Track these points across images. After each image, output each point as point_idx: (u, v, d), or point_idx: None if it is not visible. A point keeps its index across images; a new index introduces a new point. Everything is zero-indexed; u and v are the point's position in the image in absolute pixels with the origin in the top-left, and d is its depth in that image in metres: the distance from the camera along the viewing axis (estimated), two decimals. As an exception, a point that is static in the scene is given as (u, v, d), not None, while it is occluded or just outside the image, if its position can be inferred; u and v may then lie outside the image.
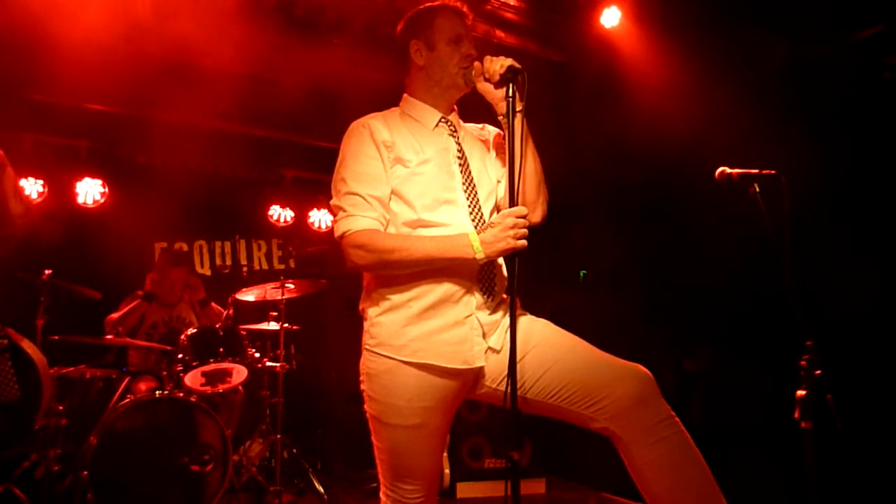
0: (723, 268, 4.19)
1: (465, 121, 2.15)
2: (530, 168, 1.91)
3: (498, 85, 1.87)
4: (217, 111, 4.75)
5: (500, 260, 1.93)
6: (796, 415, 2.57)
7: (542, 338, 1.90)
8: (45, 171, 4.77)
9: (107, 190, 4.97)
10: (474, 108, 2.10)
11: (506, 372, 1.81)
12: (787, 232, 2.67)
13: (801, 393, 2.57)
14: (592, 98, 4.63)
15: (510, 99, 1.82)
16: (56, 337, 3.71)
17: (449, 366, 1.86)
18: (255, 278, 5.30)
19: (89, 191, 4.92)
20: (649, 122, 4.30)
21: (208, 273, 5.47)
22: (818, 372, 2.56)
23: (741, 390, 4.12)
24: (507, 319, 1.88)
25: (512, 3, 4.01)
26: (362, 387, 1.96)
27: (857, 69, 3.99)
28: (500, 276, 1.95)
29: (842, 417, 2.70)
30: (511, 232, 1.78)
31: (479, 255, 1.81)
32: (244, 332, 4.03)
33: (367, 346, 1.96)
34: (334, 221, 1.95)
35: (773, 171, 2.83)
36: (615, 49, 4.29)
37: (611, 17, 4.16)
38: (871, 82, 3.93)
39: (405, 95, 2.07)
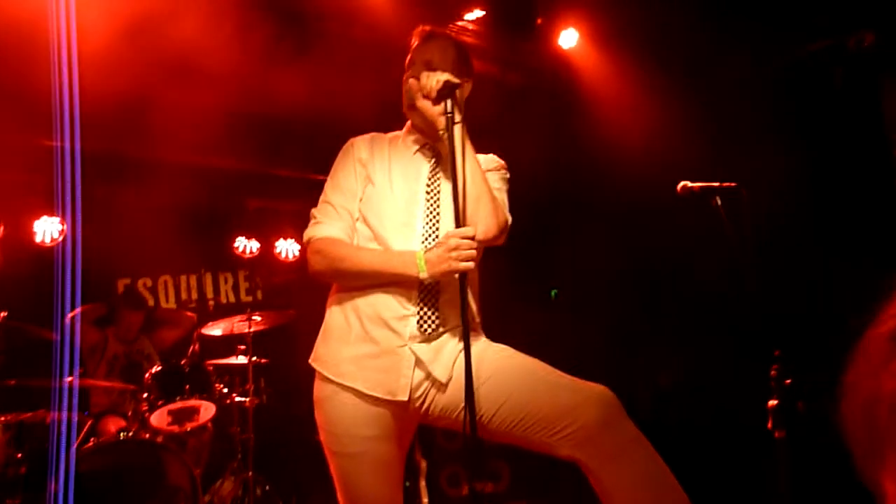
0: (693, 281, 4.23)
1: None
2: (469, 183, 1.84)
3: (436, 101, 1.85)
4: (177, 144, 4.68)
5: (455, 285, 1.87)
6: (769, 425, 2.59)
7: (499, 366, 1.85)
8: (1, 210, 4.64)
9: (65, 227, 4.85)
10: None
11: (463, 403, 1.78)
12: (751, 243, 2.71)
13: (772, 403, 2.59)
14: (554, 118, 4.68)
15: (449, 115, 1.80)
16: (12, 382, 3.57)
17: (373, 394, 1.83)
18: (223, 311, 5.21)
19: (47, 229, 4.80)
20: (611, 140, 4.36)
21: (174, 308, 5.35)
22: (788, 381, 2.58)
23: (717, 402, 4.14)
24: (458, 347, 1.84)
25: (471, 27, 4.05)
26: (315, 415, 1.94)
27: (810, 81, 4.10)
28: (451, 303, 1.88)
29: (815, 425, 2.72)
30: (454, 253, 1.75)
31: (423, 274, 1.78)
32: (211, 368, 3.94)
33: (310, 361, 1.96)
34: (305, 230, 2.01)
35: (733, 184, 2.87)
36: (574, 69, 4.36)
37: (569, 39, 4.22)
38: (824, 93, 4.03)
39: (408, 121, 2.10)
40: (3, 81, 3.57)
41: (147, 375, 3.78)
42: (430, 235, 1.91)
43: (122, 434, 3.56)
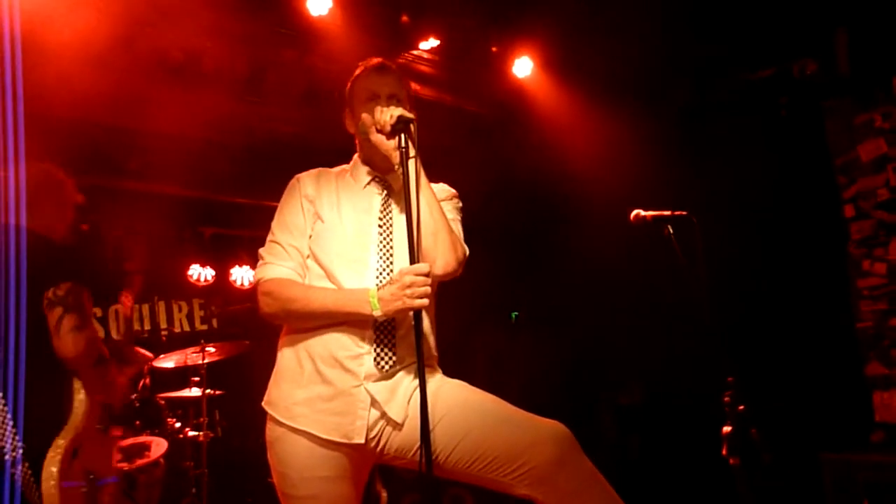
0: (648, 305, 4.28)
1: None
2: (425, 217, 1.80)
3: (389, 136, 1.82)
4: (131, 171, 4.59)
5: (409, 322, 1.85)
6: (724, 451, 2.61)
7: (453, 403, 1.82)
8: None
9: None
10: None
11: (418, 443, 1.75)
12: (702, 270, 2.75)
13: (726, 429, 2.62)
14: (508, 146, 4.72)
15: (402, 149, 1.78)
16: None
17: (328, 437, 1.79)
18: (177, 340, 5.07)
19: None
20: (566, 167, 4.42)
21: (127, 342, 5.19)
22: (741, 407, 2.61)
23: (674, 425, 4.19)
24: (413, 385, 1.82)
25: (426, 56, 4.06)
26: (268, 456, 1.89)
27: (756, 108, 4.22)
28: (407, 339, 1.85)
29: (769, 450, 2.76)
30: (408, 291, 1.70)
31: (377, 312, 1.74)
32: (163, 402, 3.83)
33: (263, 404, 1.90)
34: (255, 268, 1.97)
35: (684, 213, 2.92)
36: (529, 97, 4.41)
37: (523, 67, 4.27)
38: (770, 120, 4.15)
39: (354, 156, 2.07)
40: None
41: (95, 412, 3.65)
42: (384, 270, 1.88)
43: (67, 474, 3.42)
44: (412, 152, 1.79)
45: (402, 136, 1.78)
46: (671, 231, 2.90)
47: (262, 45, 3.78)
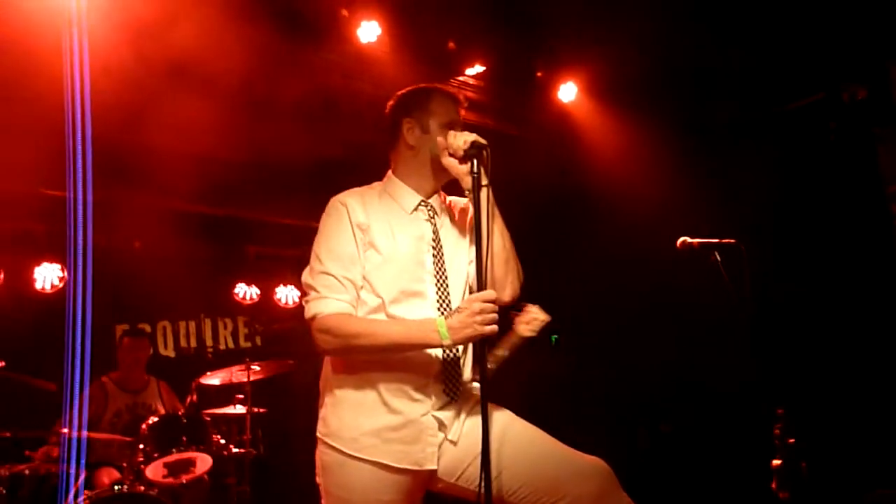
0: (694, 333, 4.21)
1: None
2: (498, 245, 1.82)
3: (462, 160, 1.82)
4: (178, 191, 4.72)
5: (468, 351, 1.87)
6: (773, 485, 2.56)
7: (501, 432, 1.81)
8: (1, 257, 4.65)
9: (65, 274, 4.85)
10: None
11: (464, 466, 1.79)
12: (750, 299, 2.72)
13: (776, 462, 2.57)
14: (554, 169, 4.73)
15: (475, 175, 1.77)
16: (7, 434, 3.53)
17: (399, 465, 1.79)
18: (221, 358, 5.16)
19: (48, 276, 4.80)
20: (610, 191, 4.40)
21: (172, 355, 5.31)
22: (792, 440, 2.56)
23: (719, 455, 4.10)
24: (468, 407, 1.86)
25: (472, 82, 4.12)
26: (318, 479, 1.88)
27: (804, 133, 4.16)
28: (464, 368, 1.88)
29: (818, 485, 2.69)
30: (478, 318, 1.69)
31: (447, 342, 1.72)
32: (208, 418, 3.89)
33: (319, 434, 1.88)
34: (306, 301, 1.86)
35: (732, 241, 2.89)
36: (573, 121, 4.42)
37: (568, 92, 4.30)
38: (817, 146, 4.08)
39: (389, 173, 2.01)
40: (11, 130, 3.60)
41: (144, 426, 3.73)
42: (443, 301, 1.88)
43: (116, 487, 3.50)
44: (485, 180, 1.80)
45: (475, 161, 1.78)
46: (718, 258, 2.87)
47: (315, 72, 3.87)
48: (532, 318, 3.19)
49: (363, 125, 4.03)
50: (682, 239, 2.99)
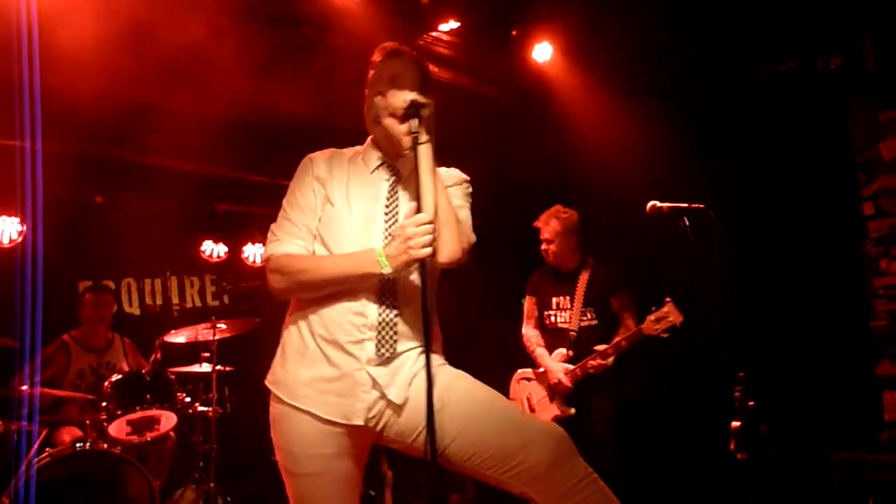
0: (660, 296, 4.23)
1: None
2: (429, 204, 1.81)
3: (402, 120, 1.83)
4: (145, 146, 4.59)
5: (414, 306, 1.87)
6: (731, 446, 2.61)
7: (456, 395, 1.83)
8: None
9: (25, 228, 4.71)
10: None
11: (417, 430, 1.81)
12: (717, 264, 2.73)
13: (735, 424, 2.61)
14: (526, 130, 4.68)
15: (414, 134, 1.80)
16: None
17: (329, 417, 1.82)
18: (188, 316, 5.10)
19: (6, 229, 4.66)
20: (583, 155, 4.38)
21: (137, 312, 5.23)
22: (752, 403, 2.61)
23: (679, 419, 4.18)
24: (415, 369, 1.86)
25: (445, 39, 4.03)
26: (272, 434, 1.91)
27: (777, 102, 4.16)
28: (410, 324, 1.87)
29: (777, 447, 2.75)
30: (411, 242, 1.73)
31: (386, 269, 1.77)
32: (173, 376, 3.85)
33: (267, 382, 1.93)
34: (265, 244, 1.97)
35: (701, 206, 2.90)
36: (548, 82, 4.36)
37: (543, 52, 4.23)
38: (791, 115, 4.09)
39: (369, 138, 2.06)
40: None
41: (106, 384, 3.68)
42: None
43: (78, 445, 3.46)
44: (423, 138, 1.81)
45: (414, 120, 1.79)
46: (687, 223, 2.88)
47: (282, 25, 3.75)
48: (664, 318, 3.32)
49: (335, 81, 3.94)
50: (651, 203, 3.00)
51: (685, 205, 2.91)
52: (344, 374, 1.82)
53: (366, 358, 1.82)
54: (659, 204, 2.98)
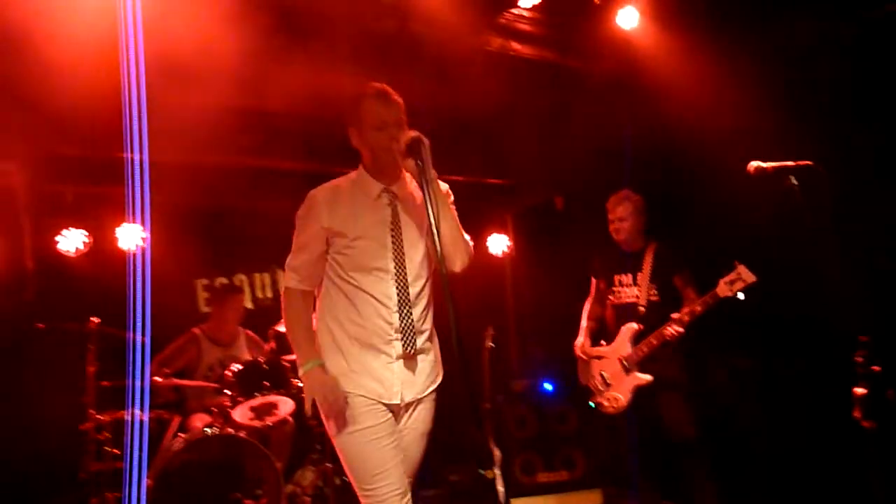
0: (771, 261, 4.04)
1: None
2: (445, 230, 2.12)
3: (406, 156, 2.11)
4: (246, 147, 4.80)
5: (424, 318, 2.33)
6: (856, 413, 2.47)
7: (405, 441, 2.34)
8: (87, 221, 4.88)
9: (147, 235, 5.04)
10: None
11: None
12: (830, 224, 2.58)
13: (859, 391, 2.47)
14: (616, 102, 4.55)
15: (419, 165, 2.06)
16: (107, 383, 3.80)
17: (373, 398, 2.26)
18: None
19: (130, 236, 5.01)
20: (677, 122, 4.20)
21: (251, 306, 5.52)
22: (877, 368, 2.45)
23: (795, 388, 3.99)
24: (427, 370, 2.37)
25: (526, 15, 3.97)
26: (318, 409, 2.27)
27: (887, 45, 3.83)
28: (423, 331, 2.33)
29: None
30: (325, 406, 2.21)
31: (300, 383, 2.24)
32: (288, 364, 4.05)
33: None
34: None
35: (809, 163, 2.72)
36: (635, 49, 4.22)
37: (628, 18, 4.09)
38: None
39: (360, 165, 2.37)
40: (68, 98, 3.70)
41: (228, 373, 3.93)
42: (400, 274, 2.27)
43: (208, 430, 3.72)
44: (432, 174, 2.11)
45: (419, 157, 2.07)
46: (794, 182, 2.72)
47: (363, 12, 3.80)
48: (736, 280, 3.40)
49: (418, 66, 3.97)
50: (754, 164, 2.84)
51: (792, 163, 2.74)
52: (381, 365, 2.27)
53: (396, 354, 2.27)
54: (762, 164, 2.82)
